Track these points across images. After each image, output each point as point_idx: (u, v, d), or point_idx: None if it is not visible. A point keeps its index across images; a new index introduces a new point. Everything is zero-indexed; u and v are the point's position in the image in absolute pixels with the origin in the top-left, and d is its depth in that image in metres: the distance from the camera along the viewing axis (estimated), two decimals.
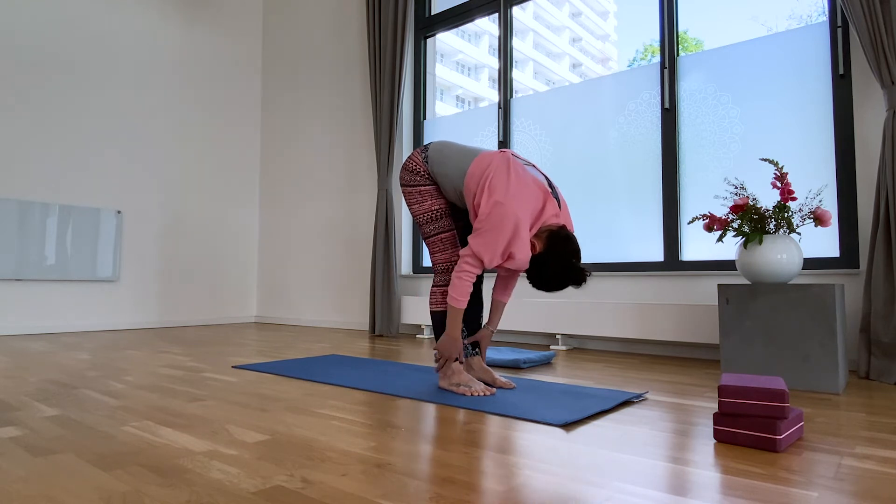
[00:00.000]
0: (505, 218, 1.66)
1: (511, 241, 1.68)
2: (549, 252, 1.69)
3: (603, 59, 30.71)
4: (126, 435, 1.33)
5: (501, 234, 1.67)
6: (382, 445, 1.25)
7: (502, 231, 1.67)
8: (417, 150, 1.95)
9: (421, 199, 1.90)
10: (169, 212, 4.50)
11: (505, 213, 1.66)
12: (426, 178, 1.90)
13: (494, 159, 1.77)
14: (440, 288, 1.89)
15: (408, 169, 1.92)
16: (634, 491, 0.99)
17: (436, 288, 1.90)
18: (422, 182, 1.90)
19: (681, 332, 2.71)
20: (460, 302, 1.75)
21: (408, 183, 1.92)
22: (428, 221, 1.90)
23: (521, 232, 1.68)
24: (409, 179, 1.92)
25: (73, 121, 3.99)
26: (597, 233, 3.22)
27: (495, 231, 1.67)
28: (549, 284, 1.71)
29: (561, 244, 1.69)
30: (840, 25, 2.48)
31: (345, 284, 4.38)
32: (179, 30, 4.63)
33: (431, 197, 1.89)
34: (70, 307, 3.93)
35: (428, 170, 1.89)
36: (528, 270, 1.74)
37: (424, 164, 1.90)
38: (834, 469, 1.11)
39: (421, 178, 1.90)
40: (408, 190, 1.92)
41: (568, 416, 1.49)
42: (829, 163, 2.54)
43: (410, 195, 1.92)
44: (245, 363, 2.47)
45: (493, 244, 1.68)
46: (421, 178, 1.90)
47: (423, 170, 1.90)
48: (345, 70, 4.50)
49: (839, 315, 1.94)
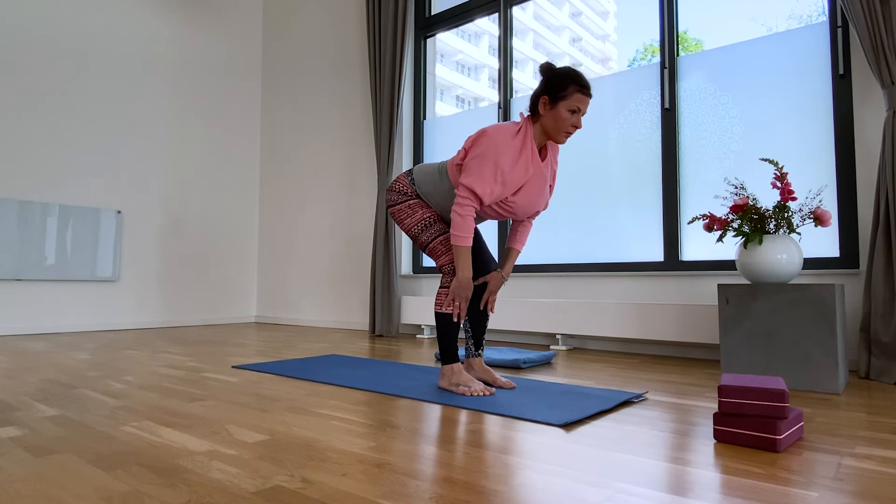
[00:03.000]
0: (489, 143, 1.72)
1: (497, 161, 1.72)
2: (550, 70, 1.78)
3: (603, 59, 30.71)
4: (126, 435, 1.33)
5: (486, 159, 1.72)
6: (382, 445, 1.25)
7: (486, 157, 1.72)
8: (402, 174, 1.99)
9: (410, 213, 1.93)
10: (169, 212, 4.50)
11: (488, 139, 1.73)
12: (412, 196, 1.94)
13: None
14: (446, 289, 1.89)
15: (394, 190, 1.97)
16: (634, 491, 0.99)
17: (442, 289, 1.90)
18: (409, 199, 1.94)
19: (681, 332, 2.71)
20: (464, 239, 1.77)
21: (395, 202, 1.96)
22: (422, 231, 1.92)
23: (504, 147, 1.73)
24: (395, 199, 1.96)
25: (73, 121, 3.99)
26: (597, 233, 3.22)
27: (480, 157, 1.73)
28: (563, 78, 1.74)
29: (548, 71, 1.78)
30: (840, 25, 2.48)
31: (345, 284, 4.38)
32: (180, 30, 4.63)
33: (420, 207, 1.93)
34: (70, 307, 3.93)
35: (415, 190, 1.94)
36: (547, 93, 1.76)
37: (411, 185, 1.95)
38: (834, 469, 1.11)
39: (408, 196, 1.95)
40: (396, 208, 1.96)
41: (568, 416, 1.49)
42: (829, 163, 2.54)
43: (400, 212, 1.95)
44: (245, 363, 2.47)
45: (481, 169, 1.72)
46: (407, 196, 1.95)
47: (409, 190, 1.95)
48: (345, 70, 4.50)
49: (839, 315, 1.94)
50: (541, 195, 1.83)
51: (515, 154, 1.74)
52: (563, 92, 1.72)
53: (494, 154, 1.71)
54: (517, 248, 2.01)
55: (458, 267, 1.79)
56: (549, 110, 1.75)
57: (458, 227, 1.76)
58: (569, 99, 1.72)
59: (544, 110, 1.75)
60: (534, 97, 1.79)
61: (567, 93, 1.72)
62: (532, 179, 1.78)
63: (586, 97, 1.74)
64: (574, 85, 1.72)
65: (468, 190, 1.74)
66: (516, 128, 1.76)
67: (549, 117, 1.75)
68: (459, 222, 1.76)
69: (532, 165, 1.77)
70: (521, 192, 1.79)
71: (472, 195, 1.74)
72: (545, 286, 3.31)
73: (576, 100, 1.72)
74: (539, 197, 1.83)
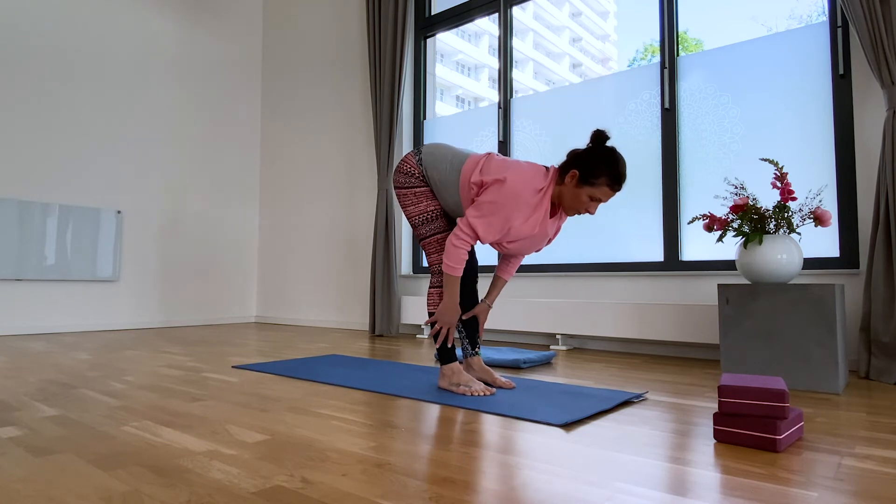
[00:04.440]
0: (508, 195, 1.68)
1: (510, 216, 1.70)
2: (594, 148, 1.71)
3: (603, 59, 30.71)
4: (126, 435, 1.33)
5: (499, 209, 1.69)
6: (382, 445, 1.25)
7: (500, 206, 1.69)
8: (411, 152, 1.94)
9: (416, 201, 1.90)
10: (169, 212, 4.50)
11: (509, 191, 1.68)
12: (420, 180, 1.89)
13: (488, 154, 1.83)
14: (437, 289, 1.88)
15: (401, 171, 1.92)
16: (634, 491, 0.99)
17: (433, 289, 1.89)
18: (416, 184, 1.89)
19: (681, 332, 2.71)
20: (455, 269, 1.76)
21: (402, 185, 1.92)
22: (423, 223, 1.89)
23: (521, 205, 1.69)
24: (403, 181, 1.91)
25: (73, 121, 3.99)
26: (597, 232, 3.22)
27: (493, 205, 1.69)
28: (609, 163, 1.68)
29: (597, 142, 1.71)
30: (840, 25, 2.48)
31: (345, 284, 4.38)
32: (180, 30, 4.63)
33: (426, 198, 1.89)
34: (70, 307, 3.93)
35: (422, 172, 1.89)
36: (580, 167, 1.70)
37: (419, 165, 1.89)
38: (834, 469, 1.11)
39: (415, 181, 1.89)
40: (402, 192, 1.92)
41: (568, 416, 1.49)
42: (829, 163, 2.54)
43: (405, 197, 1.91)
44: (245, 363, 2.47)
45: (491, 217, 1.70)
46: (415, 179, 1.89)
47: (417, 172, 1.89)
48: (345, 70, 4.50)
49: (839, 315, 1.94)
50: (536, 246, 1.84)
51: (529, 212, 1.71)
52: (595, 179, 1.68)
53: (510, 208, 1.69)
54: (504, 278, 2.01)
55: (447, 293, 1.80)
56: (573, 185, 1.71)
57: (451, 257, 1.75)
58: (596, 188, 1.69)
59: (570, 182, 1.71)
60: (569, 160, 1.74)
61: (597, 182, 1.68)
62: (535, 235, 1.78)
63: (614, 193, 1.71)
64: (607, 177, 1.67)
65: (471, 228, 1.73)
66: (539, 185, 1.71)
67: (570, 191, 1.72)
68: (453, 253, 1.75)
69: (540, 225, 1.76)
70: (519, 242, 1.79)
71: (474, 234, 1.74)
72: (545, 286, 3.31)
73: (602, 192, 1.69)
74: (534, 247, 1.84)
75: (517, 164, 1.75)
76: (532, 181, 1.71)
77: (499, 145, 3.63)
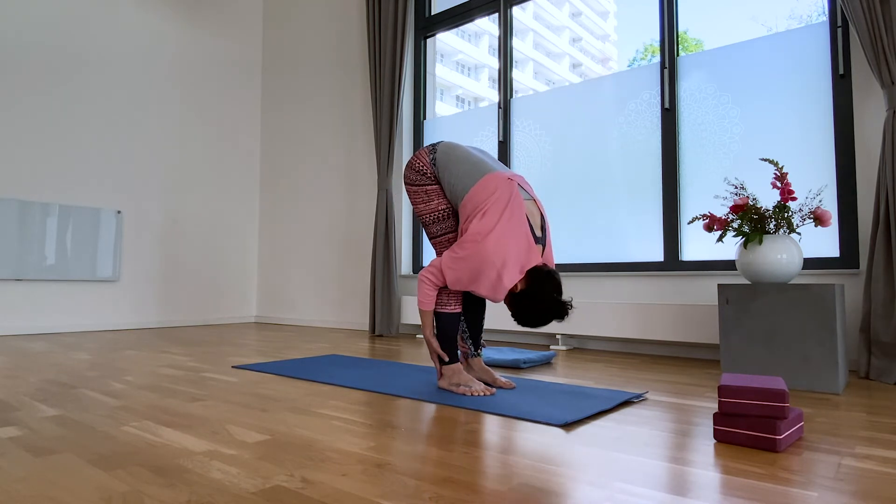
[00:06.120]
0: (480, 257, 1.70)
1: (478, 279, 1.72)
2: (531, 290, 1.72)
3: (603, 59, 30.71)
4: (126, 435, 1.33)
5: (472, 270, 1.72)
6: (382, 445, 1.25)
7: (474, 268, 1.71)
8: (425, 149, 1.92)
9: (427, 199, 1.88)
10: (169, 212, 4.50)
11: (483, 254, 1.69)
12: (431, 179, 1.88)
13: (499, 188, 1.75)
14: (444, 289, 1.89)
15: (413, 168, 1.90)
16: (634, 491, 0.99)
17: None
18: (428, 182, 1.88)
19: (681, 332, 2.71)
20: (424, 304, 1.82)
21: (413, 182, 1.90)
22: (435, 221, 1.89)
23: (490, 274, 1.70)
24: (414, 179, 1.90)
25: (73, 121, 3.99)
26: (597, 232, 3.22)
27: (467, 262, 1.72)
28: (533, 321, 1.74)
29: (542, 282, 1.71)
30: (840, 25, 2.48)
31: (345, 284, 4.38)
32: (180, 30, 4.63)
33: (438, 196, 1.88)
34: (70, 307, 3.93)
35: (434, 171, 1.87)
36: (512, 308, 1.77)
37: (431, 165, 1.87)
38: (834, 469, 1.11)
39: (426, 179, 1.88)
40: (413, 189, 1.90)
41: (568, 416, 1.49)
42: (829, 163, 2.54)
43: (416, 194, 1.90)
44: (245, 363, 2.47)
45: (460, 272, 1.73)
46: (427, 178, 1.88)
47: (429, 171, 1.87)
48: (345, 70, 4.50)
49: (839, 315, 1.94)
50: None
51: (497, 282, 1.72)
52: (539, 319, 1.73)
53: (481, 271, 1.71)
54: None
55: (422, 324, 1.86)
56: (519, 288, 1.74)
57: (420, 291, 1.82)
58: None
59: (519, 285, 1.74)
60: (519, 295, 1.74)
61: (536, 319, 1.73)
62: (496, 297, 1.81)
63: None
64: (546, 321, 1.73)
65: (441, 274, 1.78)
66: (516, 272, 1.72)
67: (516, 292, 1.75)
68: (420, 289, 1.82)
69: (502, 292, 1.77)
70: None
71: (442, 279, 1.78)
72: None
73: None
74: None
75: (515, 236, 1.72)
76: (516, 262, 1.71)
77: (499, 145, 3.63)
